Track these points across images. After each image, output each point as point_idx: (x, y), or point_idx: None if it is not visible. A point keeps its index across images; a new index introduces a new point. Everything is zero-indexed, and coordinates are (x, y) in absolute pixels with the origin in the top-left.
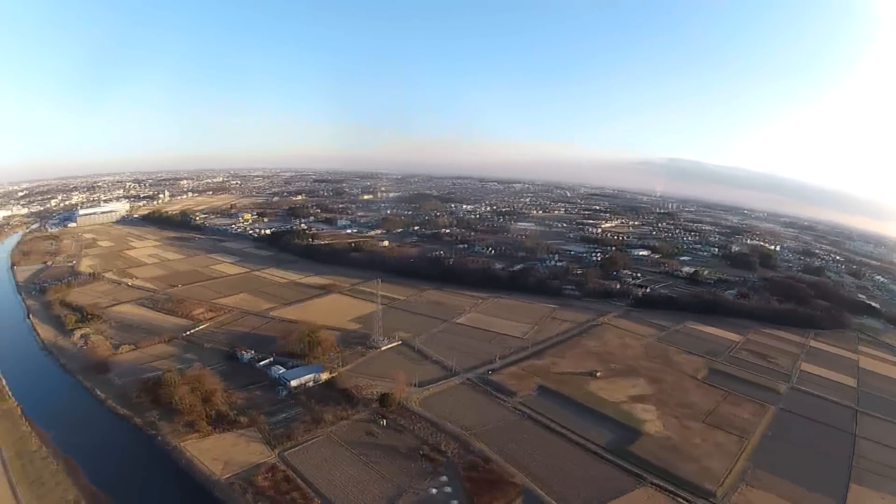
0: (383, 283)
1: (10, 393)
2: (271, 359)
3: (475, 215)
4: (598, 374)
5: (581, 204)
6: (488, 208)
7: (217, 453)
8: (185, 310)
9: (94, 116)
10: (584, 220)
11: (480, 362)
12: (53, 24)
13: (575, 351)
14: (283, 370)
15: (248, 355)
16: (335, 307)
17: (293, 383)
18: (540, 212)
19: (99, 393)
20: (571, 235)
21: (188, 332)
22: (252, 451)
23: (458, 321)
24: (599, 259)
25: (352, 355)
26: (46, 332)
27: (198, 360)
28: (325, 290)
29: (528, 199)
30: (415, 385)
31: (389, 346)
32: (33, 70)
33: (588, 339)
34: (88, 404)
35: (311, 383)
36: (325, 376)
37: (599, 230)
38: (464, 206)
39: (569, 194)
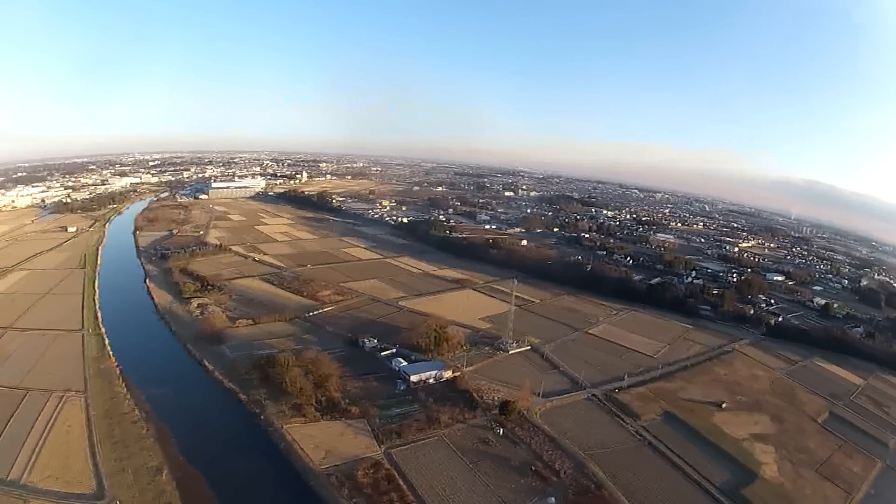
0: (518, 284)
1: (111, 352)
2: (394, 350)
3: (616, 222)
4: (725, 405)
5: (719, 220)
6: (629, 216)
7: (320, 441)
8: (310, 290)
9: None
10: (722, 238)
11: (608, 378)
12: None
13: (705, 377)
14: (404, 363)
15: (370, 343)
16: (467, 303)
17: (413, 378)
18: (679, 224)
19: (207, 363)
20: (709, 252)
21: (311, 313)
22: (358, 443)
23: (590, 331)
24: (736, 280)
25: (478, 356)
26: (162, 297)
27: (316, 343)
28: (458, 284)
29: (667, 211)
30: (538, 395)
31: (518, 350)
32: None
33: (718, 365)
34: (194, 374)
35: (431, 380)
36: (447, 375)
37: (737, 249)
38: (605, 212)
39: (707, 208)
